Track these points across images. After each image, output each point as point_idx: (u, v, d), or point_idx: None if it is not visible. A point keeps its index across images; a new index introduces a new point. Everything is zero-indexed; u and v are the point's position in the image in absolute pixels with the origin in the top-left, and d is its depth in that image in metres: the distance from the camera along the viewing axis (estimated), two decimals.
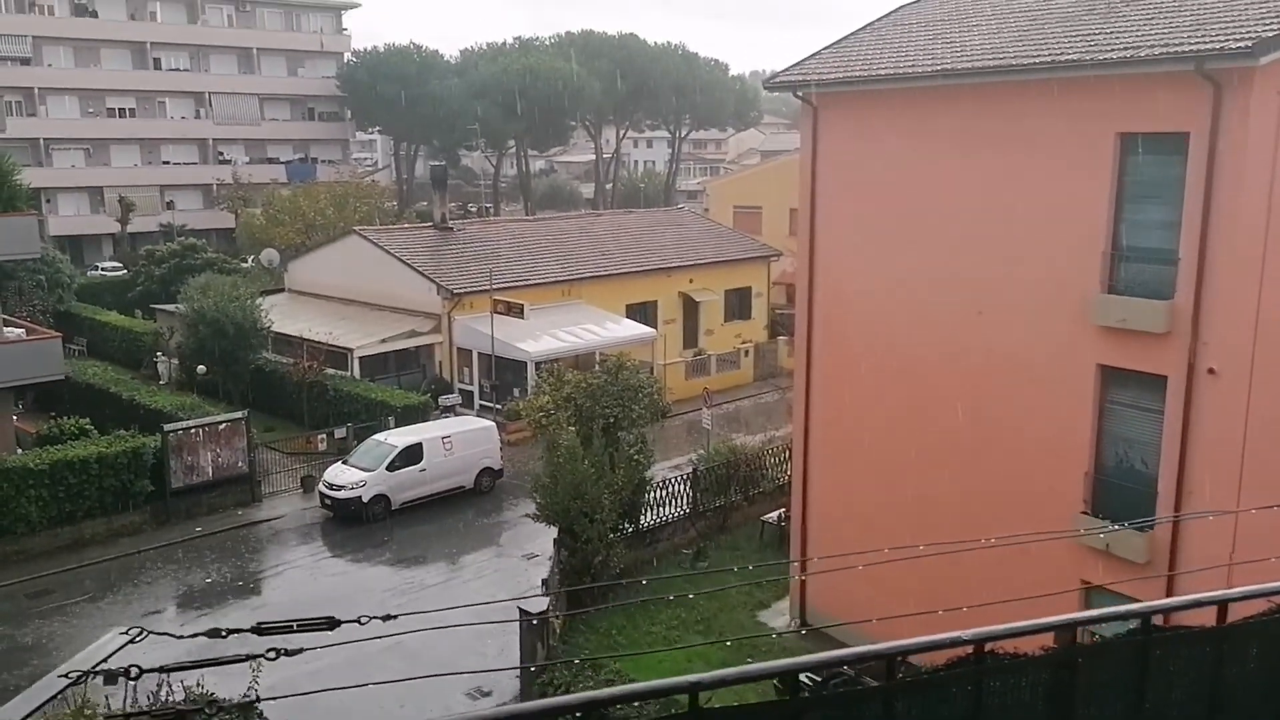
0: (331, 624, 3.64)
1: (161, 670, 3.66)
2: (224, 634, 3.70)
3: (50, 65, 70.26)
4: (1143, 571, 15.04)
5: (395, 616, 3.95)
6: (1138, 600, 14.41)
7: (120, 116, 73.47)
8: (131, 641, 3.57)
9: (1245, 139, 13.51)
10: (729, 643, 18.56)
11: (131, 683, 3.56)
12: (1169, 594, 14.41)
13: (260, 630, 3.59)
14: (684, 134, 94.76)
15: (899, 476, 18.62)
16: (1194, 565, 14.39)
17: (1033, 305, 16.25)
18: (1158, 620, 2.96)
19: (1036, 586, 14.89)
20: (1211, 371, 14.17)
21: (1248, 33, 13.45)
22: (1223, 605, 2.95)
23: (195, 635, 3.61)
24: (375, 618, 3.97)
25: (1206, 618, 3.06)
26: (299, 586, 23.64)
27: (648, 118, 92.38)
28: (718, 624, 20.49)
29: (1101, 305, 15.22)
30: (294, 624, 3.63)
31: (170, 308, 40.47)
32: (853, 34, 20.48)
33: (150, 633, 3.68)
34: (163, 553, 25.26)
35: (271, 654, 3.44)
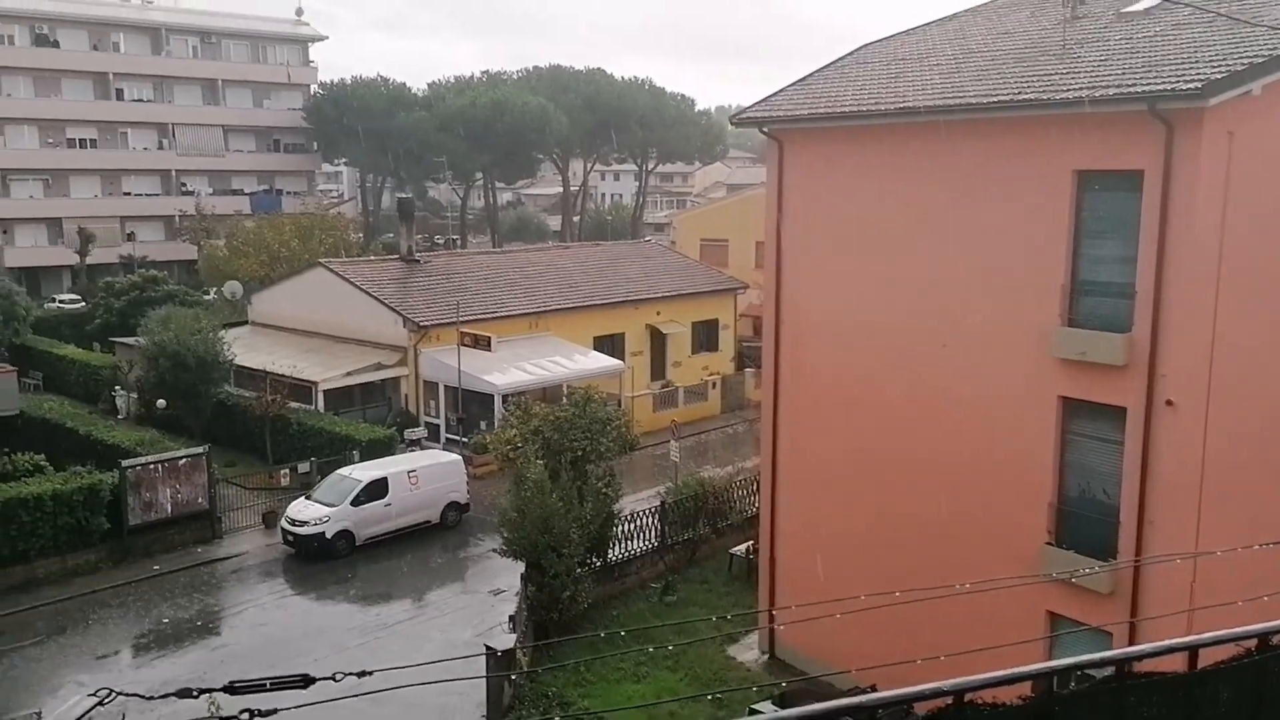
0: (306, 681, 3.58)
1: None
2: (195, 694, 3.62)
3: (9, 95, 69.53)
4: (1107, 602, 15.18)
5: (370, 673, 3.89)
6: (1103, 628, 14.57)
7: (81, 147, 72.76)
8: (100, 704, 3.48)
9: (1197, 177, 13.83)
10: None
11: None
12: (1132, 627, 14.54)
13: (232, 689, 3.52)
14: (651, 167, 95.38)
15: (867, 507, 18.70)
16: (1157, 593, 14.54)
17: (995, 338, 16.46)
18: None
19: (1003, 616, 15.03)
20: (1170, 403, 14.40)
21: (1198, 74, 13.80)
22: (1194, 650, 2.98)
23: (166, 696, 3.54)
24: (351, 674, 3.91)
25: (1178, 663, 3.10)
26: (261, 626, 23.21)
27: (615, 151, 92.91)
28: (686, 659, 20.37)
29: (1061, 338, 15.45)
30: (267, 682, 3.56)
31: (129, 341, 39.92)
32: (817, 71, 20.77)
33: (118, 694, 3.60)
34: (119, 592, 24.72)
35: (245, 715, 3.37)
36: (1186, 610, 12.61)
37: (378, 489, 27.53)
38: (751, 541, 24.16)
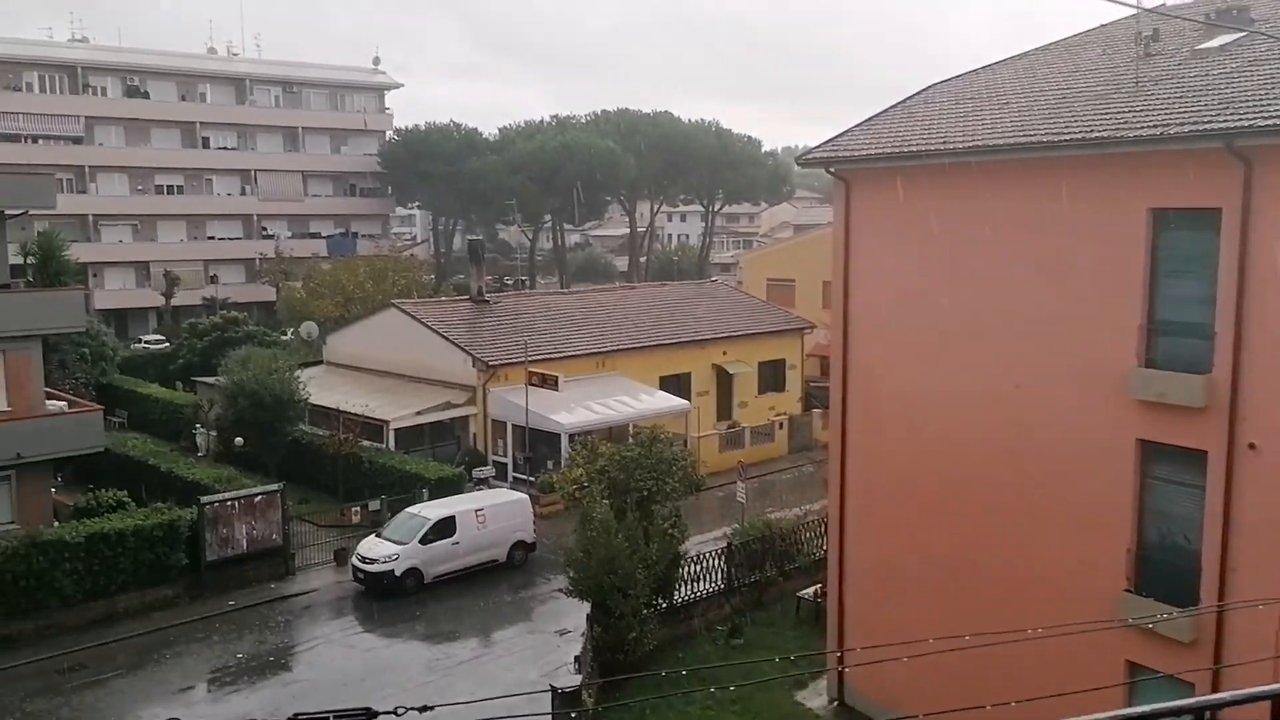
0: (369, 715, 3.65)
1: None
2: None
3: (101, 144, 72.74)
4: (1188, 651, 14.64)
5: (432, 708, 3.94)
6: (1183, 678, 14.04)
7: (168, 193, 75.63)
8: None
9: (1277, 214, 13.48)
10: None
11: None
12: (1215, 676, 13.99)
13: None
14: (717, 208, 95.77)
15: (939, 550, 18.35)
16: (1240, 641, 13.99)
17: (1070, 379, 16.12)
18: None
19: (1080, 665, 14.57)
20: (1252, 447, 13.94)
21: (1276, 111, 13.49)
22: (1277, 700, 2.89)
23: None
24: (412, 709, 3.97)
25: (1260, 711, 3.01)
26: (331, 663, 23.51)
27: (682, 192, 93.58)
28: (754, 704, 20.09)
29: (1139, 379, 15.08)
30: (330, 715, 3.63)
31: (210, 380, 41.09)
32: (885, 111, 20.75)
33: None
34: (196, 627, 25.25)
35: None
36: (1271, 658, 12.10)
37: (446, 527, 27.80)
38: (820, 585, 23.83)
